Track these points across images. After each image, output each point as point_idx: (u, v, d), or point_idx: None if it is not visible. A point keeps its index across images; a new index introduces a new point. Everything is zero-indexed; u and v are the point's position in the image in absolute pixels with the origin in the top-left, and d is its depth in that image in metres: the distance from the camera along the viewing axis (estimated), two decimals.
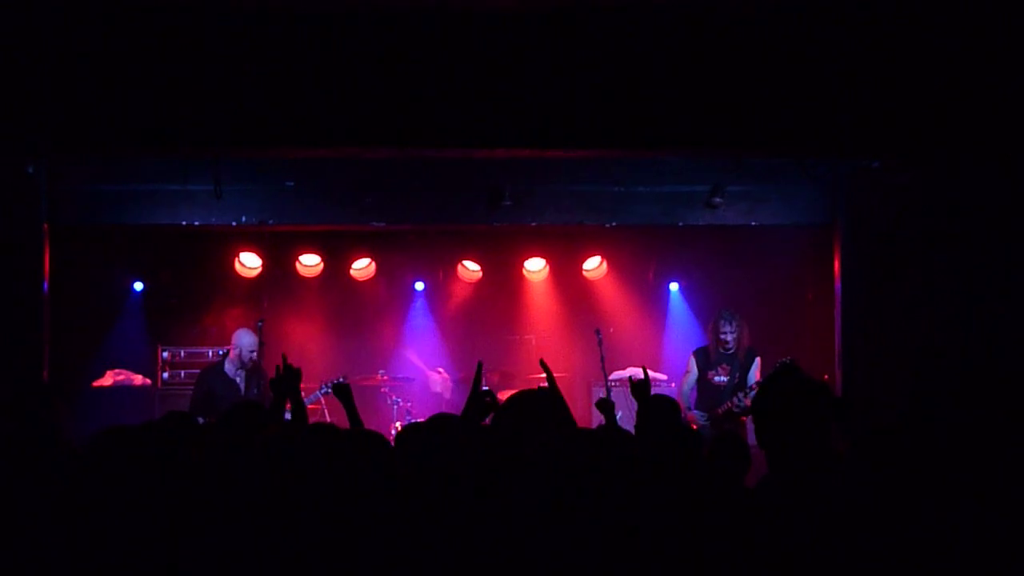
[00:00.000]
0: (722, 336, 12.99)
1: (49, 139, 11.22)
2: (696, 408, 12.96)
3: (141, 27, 10.75)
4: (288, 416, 8.49)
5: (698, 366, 13.10)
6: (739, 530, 4.69)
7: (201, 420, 12.01)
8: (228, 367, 12.97)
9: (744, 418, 12.85)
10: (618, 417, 11.57)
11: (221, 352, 14.49)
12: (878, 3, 11.00)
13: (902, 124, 11.35)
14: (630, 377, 9.65)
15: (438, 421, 5.77)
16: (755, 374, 12.93)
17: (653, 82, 11.17)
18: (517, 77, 11.07)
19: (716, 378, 12.96)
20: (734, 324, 13.00)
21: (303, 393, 10.22)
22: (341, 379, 13.95)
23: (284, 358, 8.56)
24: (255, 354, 12.89)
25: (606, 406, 8.43)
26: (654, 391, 8.85)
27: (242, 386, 12.79)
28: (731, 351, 12.98)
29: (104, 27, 10.77)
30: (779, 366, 12.27)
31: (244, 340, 12.99)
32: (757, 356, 13.05)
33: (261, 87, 10.99)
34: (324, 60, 10.95)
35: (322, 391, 13.89)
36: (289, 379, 8.36)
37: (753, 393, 12.60)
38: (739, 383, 12.88)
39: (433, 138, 11.33)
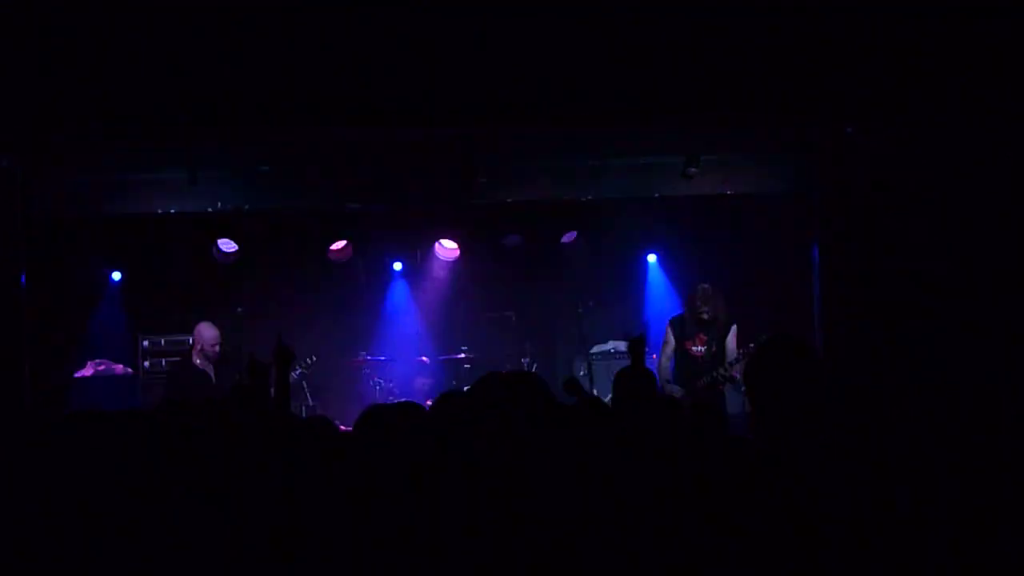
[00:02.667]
0: (699, 308, 12.99)
1: (21, 131, 11.20)
2: (675, 380, 12.95)
3: (109, 15, 10.72)
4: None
5: (675, 335, 13.09)
6: (719, 499, 4.70)
7: None
8: (196, 359, 12.96)
9: (722, 387, 12.87)
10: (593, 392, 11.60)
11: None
12: None
13: (874, 89, 11.36)
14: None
15: (406, 406, 5.77)
16: (732, 341, 12.93)
17: (625, 54, 11.17)
18: (489, 53, 11.06)
19: (694, 348, 12.96)
20: (711, 303, 13.00)
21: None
22: (311, 359, 13.97)
23: (250, 356, 8.53)
24: (217, 348, 12.87)
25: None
26: (627, 365, 8.88)
27: (213, 377, 12.77)
28: (706, 320, 12.99)
29: (72, 16, 10.73)
30: (765, 339, 12.25)
31: (205, 334, 12.98)
32: (733, 324, 13.05)
33: (234, 71, 10.97)
34: (294, 41, 10.93)
35: (297, 373, 13.92)
36: (285, 359, 8.35)
37: (736, 365, 12.62)
38: (717, 352, 12.89)
39: (406, 117, 11.33)
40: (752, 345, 12.31)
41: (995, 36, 11.14)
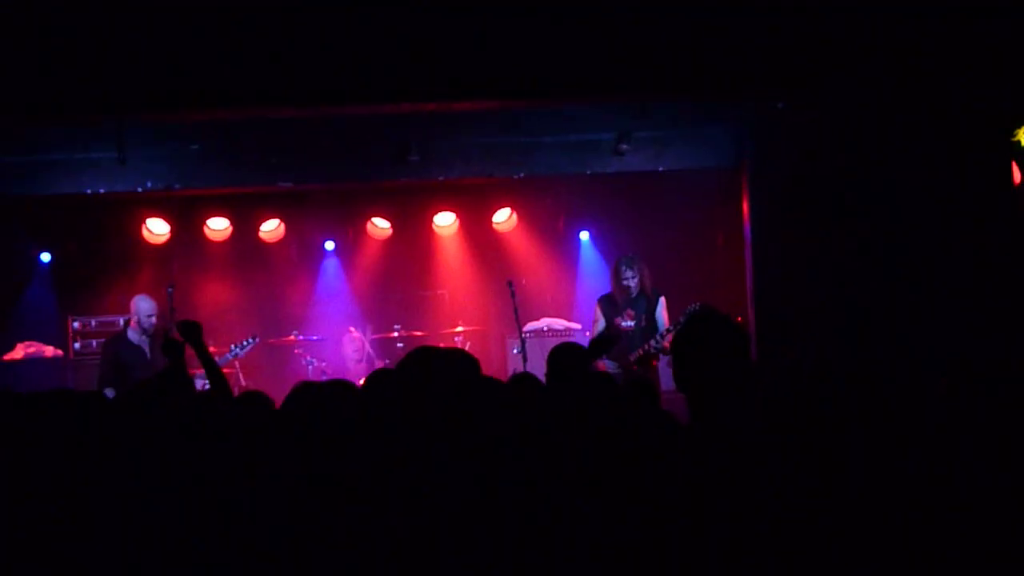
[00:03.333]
0: (624, 282, 12.97)
1: None
2: (607, 357, 12.95)
3: None
4: (201, 384, 8.42)
5: (604, 313, 13.08)
6: (656, 474, 4.70)
7: (110, 393, 11.96)
8: (131, 335, 12.86)
9: (655, 363, 12.89)
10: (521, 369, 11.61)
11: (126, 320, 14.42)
12: None
13: (805, 65, 11.41)
14: (597, 336, 9.68)
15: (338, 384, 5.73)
16: (662, 314, 12.94)
17: (555, 31, 11.15)
18: (419, 30, 11.02)
19: (623, 323, 12.95)
20: (635, 269, 12.99)
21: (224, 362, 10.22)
22: (251, 339, 13.92)
23: (167, 332, 8.51)
24: (153, 319, 12.76)
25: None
26: (565, 340, 8.90)
27: (148, 352, 12.68)
28: (635, 295, 12.99)
29: None
30: (694, 308, 12.32)
31: (141, 306, 12.86)
32: (662, 296, 13.05)
33: (162, 50, 10.88)
34: (223, 20, 10.84)
35: (232, 353, 13.85)
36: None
37: (668, 335, 12.64)
38: (647, 326, 12.90)
39: (337, 95, 11.28)
40: (683, 315, 12.35)
41: (924, 11, 11.20)
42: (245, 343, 14.07)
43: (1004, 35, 11.27)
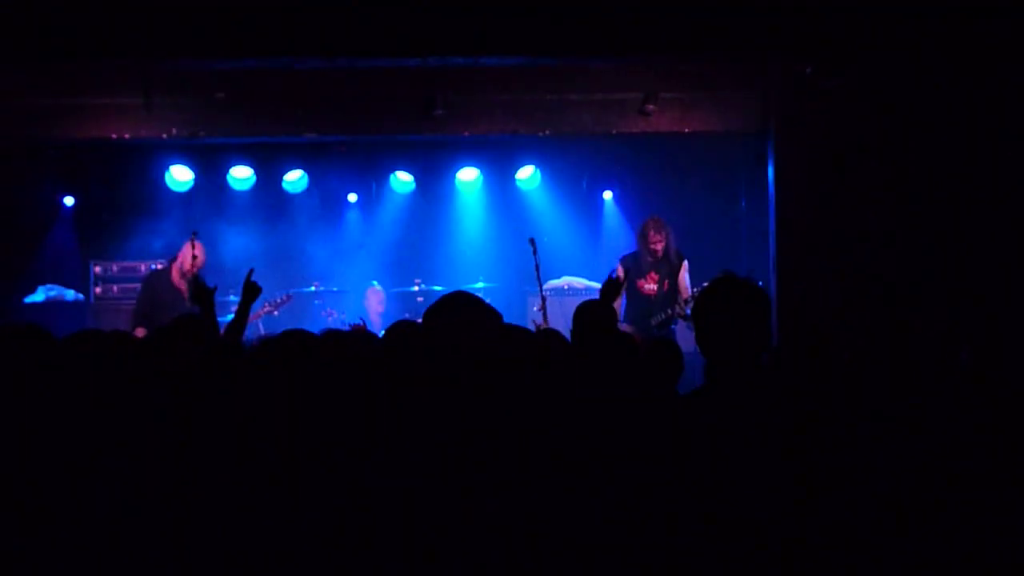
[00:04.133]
0: (652, 245, 12.98)
1: None
2: (625, 319, 12.92)
3: None
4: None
5: (626, 273, 13.07)
6: (671, 436, 4.71)
7: (141, 332, 12.06)
8: (174, 274, 12.97)
9: (675, 325, 12.91)
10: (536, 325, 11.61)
11: (159, 264, 14.43)
12: None
13: (833, 29, 11.35)
14: (610, 276, 9.64)
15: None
16: (685, 278, 12.94)
17: None
18: None
19: (646, 286, 12.95)
20: (663, 232, 13.00)
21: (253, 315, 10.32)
22: (283, 296, 13.98)
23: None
24: (196, 270, 12.88)
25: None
26: (587, 298, 8.89)
27: (187, 296, 12.77)
28: (661, 257, 12.99)
29: None
30: (716, 278, 12.32)
31: (198, 254, 13.00)
32: (684, 260, 13.06)
33: None
34: None
35: (265, 310, 13.94)
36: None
37: (690, 303, 12.64)
38: (669, 291, 12.89)
39: (364, 47, 11.25)
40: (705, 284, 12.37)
41: None
42: (277, 300, 14.16)
43: None
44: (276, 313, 14.38)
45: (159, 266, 14.41)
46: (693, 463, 4.55)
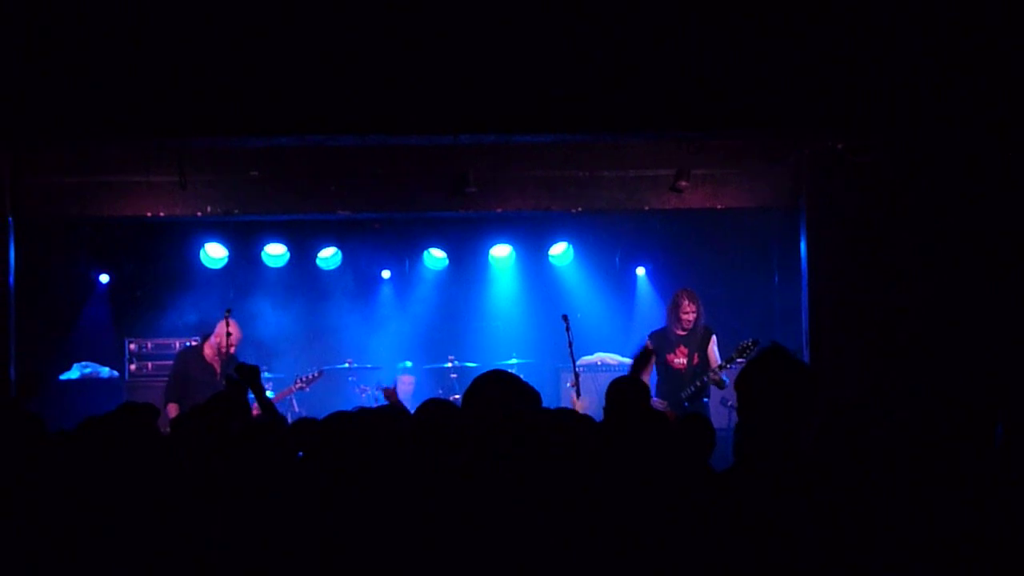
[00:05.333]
0: (684, 315, 12.98)
1: (9, 129, 11.17)
2: (657, 394, 12.89)
3: (102, 16, 10.70)
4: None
5: (655, 349, 13.07)
6: (704, 512, 4.70)
7: (173, 409, 12.12)
8: (207, 351, 13.02)
9: (707, 396, 12.90)
10: (582, 404, 11.60)
11: (192, 341, 14.48)
12: None
13: (865, 106, 11.37)
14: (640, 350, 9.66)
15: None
16: (714, 351, 12.93)
17: (616, 66, 11.16)
18: (480, 62, 11.05)
19: (676, 361, 12.94)
20: (696, 303, 13.01)
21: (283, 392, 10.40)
22: (314, 373, 14.03)
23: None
24: (233, 349, 12.95)
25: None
26: (620, 374, 8.89)
27: (219, 373, 12.82)
28: (689, 331, 12.98)
29: (63, 15, 10.71)
30: (748, 344, 12.36)
31: (233, 332, 13.06)
32: (713, 334, 13.05)
33: (224, 75, 10.95)
34: (287, 47, 10.91)
35: (296, 386, 13.97)
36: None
37: (720, 372, 12.63)
38: (699, 364, 12.88)
39: (397, 125, 11.31)
40: (736, 351, 12.38)
41: (985, 56, 11.16)
42: (309, 376, 14.20)
43: None
44: (307, 389, 14.41)
45: (192, 343, 14.47)
46: (728, 542, 4.54)
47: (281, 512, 5.00)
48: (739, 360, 12.42)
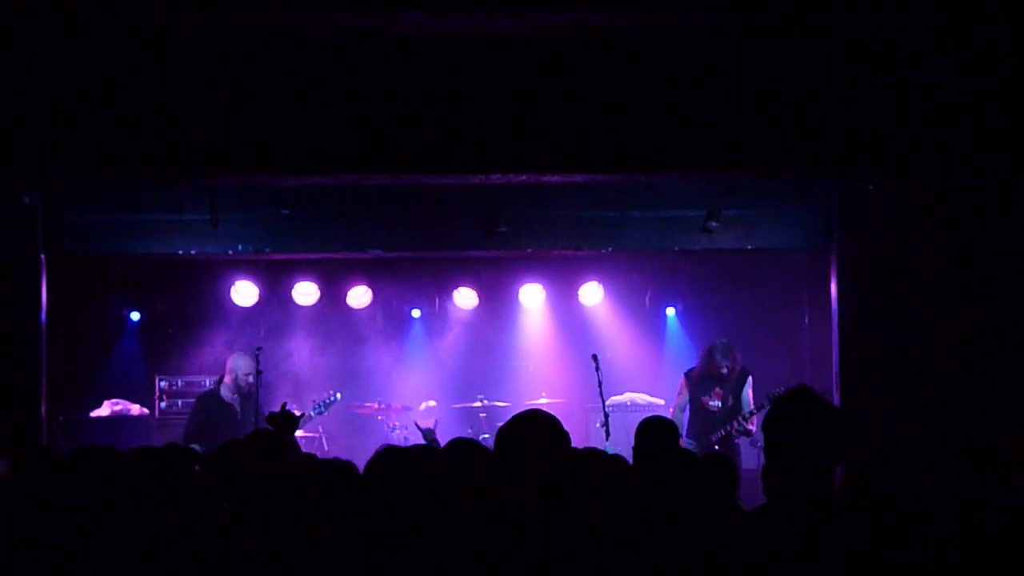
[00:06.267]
0: (719, 369, 12.96)
1: (43, 167, 11.24)
2: (688, 435, 12.87)
3: (135, 54, 10.76)
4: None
5: (690, 389, 13.04)
6: (734, 552, 4.68)
7: (198, 448, 12.07)
8: (224, 392, 13.01)
9: (737, 440, 12.85)
10: (610, 449, 11.59)
11: (215, 380, 14.49)
12: (870, 25, 11.01)
13: (896, 147, 11.36)
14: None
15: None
16: (748, 394, 12.89)
17: (647, 106, 11.18)
18: (512, 103, 11.09)
19: (710, 403, 12.92)
20: (730, 358, 12.98)
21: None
22: (333, 396, 13.96)
23: (284, 406, 8.74)
24: (251, 377, 12.91)
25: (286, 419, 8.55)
26: (650, 414, 8.88)
27: (239, 411, 12.81)
28: (723, 372, 12.95)
29: (98, 54, 10.78)
30: (778, 393, 12.32)
31: (239, 364, 13.03)
32: (749, 376, 13.01)
33: (256, 114, 11.00)
34: (320, 86, 10.96)
35: (316, 411, 13.89)
36: (286, 425, 8.48)
37: (752, 418, 12.59)
38: (733, 407, 12.84)
39: (428, 164, 11.34)
40: (767, 399, 12.33)
41: (1019, 100, 11.14)
42: (326, 400, 14.10)
43: None
44: (326, 413, 14.29)
45: (208, 387, 14.45)
46: None
47: (319, 552, 5.01)
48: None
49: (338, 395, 14.33)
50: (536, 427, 5.73)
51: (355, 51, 10.91)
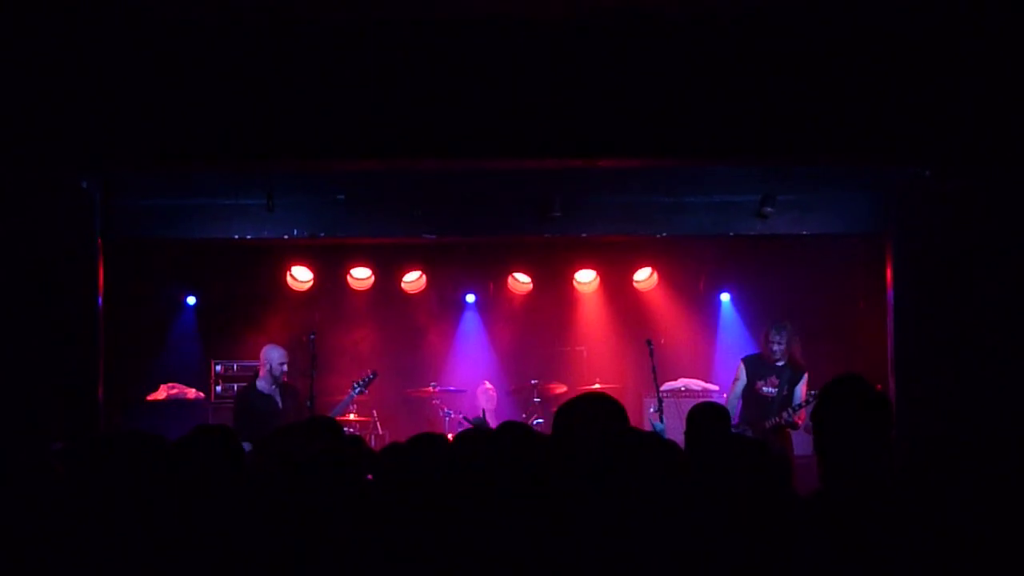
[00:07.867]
0: (771, 346, 12.89)
1: (102, 154, 11.33)
2: (741, 420, 12.83)
3: (193, 42, 10.84)
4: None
5: (747, 374, 12.99)
6: (789, 538, 4.68)
7: (247, 446, 12.11)
8: (261, 384, 12.95)
9: (789, 431, 12.78)
10: (662, 428, 11.56)
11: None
12: (929, 13, 10.96)
13: (953, 132, 11.30)
14: None
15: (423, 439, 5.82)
16: (802, 390, 12.81)
17: (703, 91, 11.18)
18: (567, 87, 11.10)
19: (764, 388, 12.85)
20: (783, 335, 12.89)
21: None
22: (370, 375, 13.95)
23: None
24: (285, 367, 12.90)
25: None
26: (703, 400, 8.86)
27: (279, 401, 12.81)
28: (779, 363, 12.88)
29: (157, 42, 10.86)
30: (837, 378, 12.22)
31: (273, 355, 13.01)
32: (805, 373, 12.90)
33: (311, 101, 11.06)
34: (375, 72, 11.01)
35: (355, 391, 13.87)
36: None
37: (801, 411, 12.54)
38: (787, 397, 12.78)
39: (483, 149, 11.36)
40: (816, 396, 12.26)
41: None
42: (365, 378, 14.08)
43: None
44: (366, 392, 14.26)
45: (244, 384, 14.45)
46: (813, 568, 4.52)
47: (358, 535, 5.03)
48: None
49: (375, 373, 14.30)
50: (597, 407, 5.75)
51: (412, 37, 10.96)
